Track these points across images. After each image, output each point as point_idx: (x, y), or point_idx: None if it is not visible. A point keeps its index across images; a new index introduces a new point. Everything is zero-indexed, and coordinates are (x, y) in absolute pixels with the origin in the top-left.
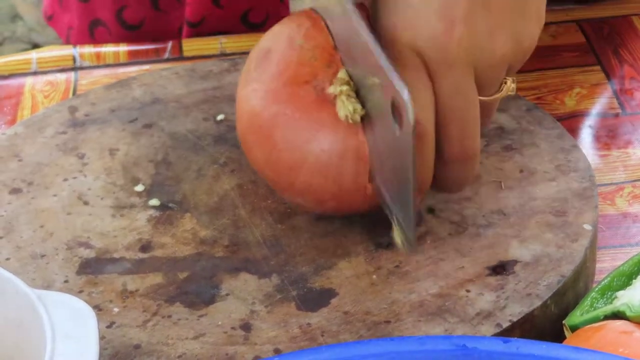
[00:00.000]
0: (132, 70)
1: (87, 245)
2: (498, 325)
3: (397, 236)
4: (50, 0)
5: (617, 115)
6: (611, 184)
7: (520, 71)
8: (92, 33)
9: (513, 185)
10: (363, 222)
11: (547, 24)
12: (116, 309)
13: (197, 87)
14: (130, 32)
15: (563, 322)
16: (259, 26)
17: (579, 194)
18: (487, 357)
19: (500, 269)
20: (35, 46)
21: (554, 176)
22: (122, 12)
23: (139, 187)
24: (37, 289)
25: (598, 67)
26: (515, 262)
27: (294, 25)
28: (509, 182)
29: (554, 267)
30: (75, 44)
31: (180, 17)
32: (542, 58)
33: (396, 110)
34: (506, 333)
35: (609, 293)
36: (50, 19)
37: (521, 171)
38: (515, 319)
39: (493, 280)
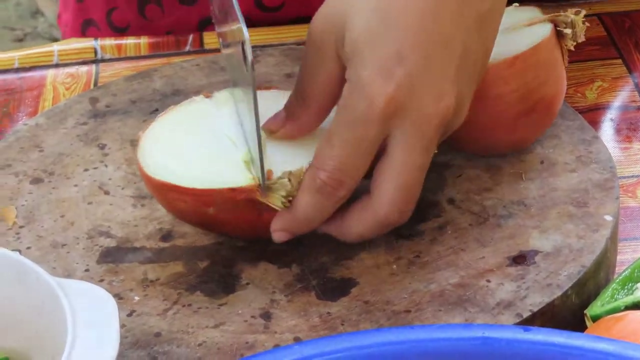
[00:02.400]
0: (153, 62)
1: (107, 235)
2: (518, 315)
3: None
4: (62, 0)
5: (638, 108)
6: (632, 176)
7: None
8: (84, 32)
9: (534, 177)
10: None
11: None
12: (137, 298)
13: (218, 79)
14: (117, 34)
15: (584, 312)
16: (274, 10)
17: (600, 185)
18: (507, 346)
19: (521, 259)
20: (56, 42)
21: (574, 167)
22: (111, 14)
23: None
24: (58, 278)
25: (619, 61)
26: (535, 252)
27: None
28: (529, 173)
29: (575, 258)
30: None
31: (165, 27)
32: None
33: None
34: (526, 323)
35: (630, 284)
36: (59, 17)
37: (542, 162)
38: (535, 309)
39: (513, 270)
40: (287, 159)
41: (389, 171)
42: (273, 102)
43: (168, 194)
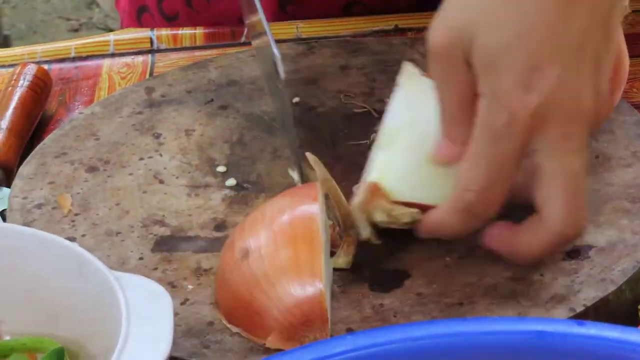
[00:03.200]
0: (209, 52)
1: (162, 224)
2: (572, 309)
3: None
4: None
5: None
6: None
7: None
8: (140, 19)
9: (589, 171)
10: None
11: None
12: (190, 286)
13: None
14: (168, 22)
15: (638, 307)
16: None
17: None
18: (560, 340)
19: (575, 253)
20: (112, 31)
21: (630, 162)
22: (162, 2)
23: (221, 168)
24: (114, 270)
25: None
26: (590, 247)
27: None
28: None
29: (629, 253)
30: (126, 27)
31: (210, 18)
32: None
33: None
34: (580, 317)
35: None
36: (117, 2)
37: (597, 157)
38: (589, 304)
39: (567, 264)
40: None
41: (551, 184)
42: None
43: None
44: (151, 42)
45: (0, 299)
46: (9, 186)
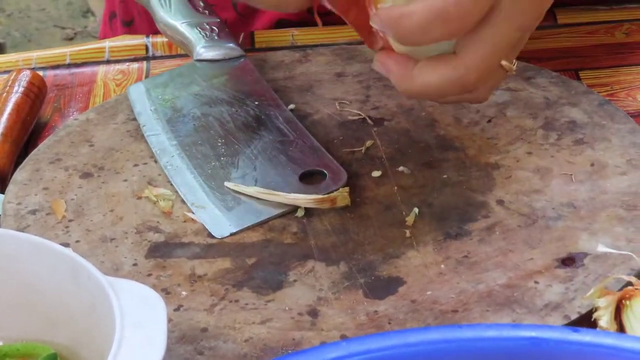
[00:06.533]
0: None
1: (156, 230)
2: (566, 317)
3: None
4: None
5: None
6: None
7: (592, 68)
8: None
9: (584, 179)
10: (432, 212)
11: (620, 22)
12: (184, 293)
13: (268, 77)
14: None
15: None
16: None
17: None
18: (555, 346)
19: (570, 261)
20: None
21: (625, 170)
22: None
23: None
24: (108, 276)
25: None
26: (584, 254)
27: None
28: (579, 175)
29: (624, 261)
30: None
31: None
32: (615, 55)
33: None
34: (574, 325)
35: None
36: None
37: (592, 165)
38: (583, 311)
39: (562, 272)
40: None
41: (483, 33)
42: None
43: None
44: (146, 49)
45: None
46: (3, 192)
